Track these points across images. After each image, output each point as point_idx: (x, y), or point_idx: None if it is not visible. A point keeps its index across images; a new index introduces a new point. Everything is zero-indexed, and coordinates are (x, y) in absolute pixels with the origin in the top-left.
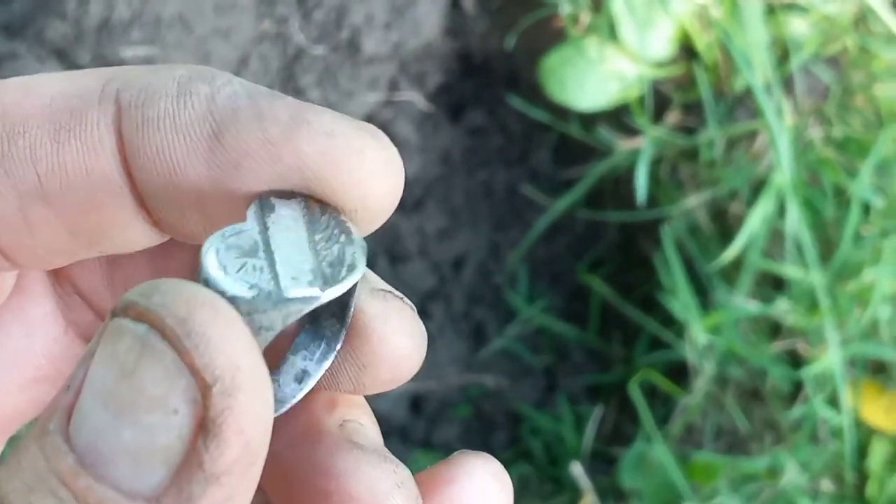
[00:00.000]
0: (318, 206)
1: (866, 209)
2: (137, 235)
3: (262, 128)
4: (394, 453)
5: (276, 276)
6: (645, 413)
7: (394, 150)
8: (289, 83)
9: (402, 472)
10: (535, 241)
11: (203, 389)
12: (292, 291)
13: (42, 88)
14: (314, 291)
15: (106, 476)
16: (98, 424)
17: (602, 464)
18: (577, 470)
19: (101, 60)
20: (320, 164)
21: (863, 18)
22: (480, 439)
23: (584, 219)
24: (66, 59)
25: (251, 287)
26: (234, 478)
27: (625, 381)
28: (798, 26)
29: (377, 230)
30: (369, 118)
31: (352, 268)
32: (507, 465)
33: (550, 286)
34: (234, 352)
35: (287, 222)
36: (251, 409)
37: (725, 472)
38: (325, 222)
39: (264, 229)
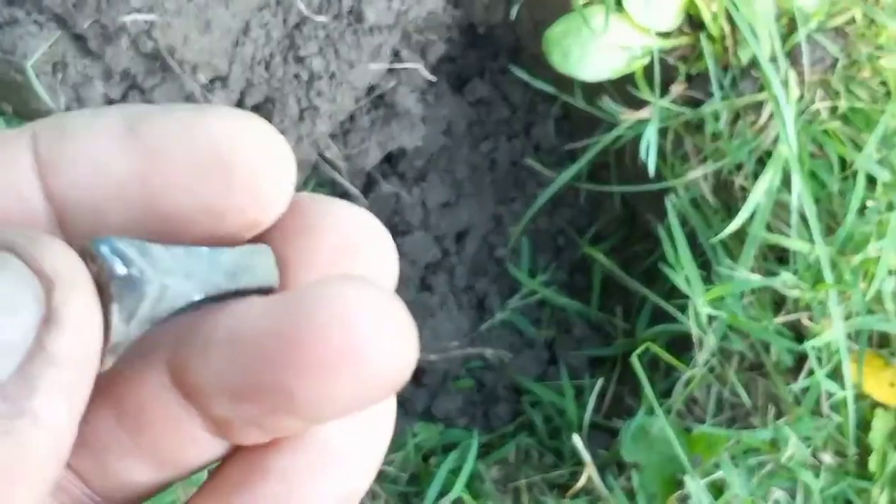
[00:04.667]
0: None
1: (872, 182)
2: None
3: (173, 116)
4: (395, 425)
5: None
6: (646, 386)
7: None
8: (290, 52)
9: None
10: (537, 213)
11: (48, 290)
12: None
13: None
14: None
15: None
16: None
17: (603, 436)
18: (577, 442)
19: (101, 27)
20: (232, 136)
21: None
22: (481, 411)
23: (588, 191)
24: (65, 26)
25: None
26: (70, 362)
27: (627, 355)
28: None
29: (378, 202)
30: (372, 88)
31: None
32: (509, 437)
33: (553, 259)
34: (72, 261)
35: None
36: (85, 302)
37: (727, 446)
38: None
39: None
